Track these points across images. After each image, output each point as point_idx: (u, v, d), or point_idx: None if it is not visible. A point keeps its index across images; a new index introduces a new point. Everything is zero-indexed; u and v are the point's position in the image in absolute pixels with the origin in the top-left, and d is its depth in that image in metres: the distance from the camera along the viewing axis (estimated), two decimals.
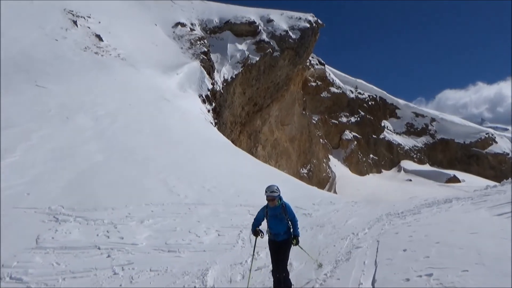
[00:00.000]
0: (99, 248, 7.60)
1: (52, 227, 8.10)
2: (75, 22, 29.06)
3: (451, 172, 71.53)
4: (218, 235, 9.08)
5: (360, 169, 70.04)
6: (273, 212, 5.97)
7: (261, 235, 6.10)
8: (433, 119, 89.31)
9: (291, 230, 6.05)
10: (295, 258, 7.53)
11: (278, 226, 5.96)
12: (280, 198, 6.04)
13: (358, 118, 78.26)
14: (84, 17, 30.54)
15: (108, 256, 7.38)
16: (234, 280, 6.77)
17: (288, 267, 7.25)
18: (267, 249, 8.32)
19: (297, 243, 6.00)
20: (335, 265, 6.81)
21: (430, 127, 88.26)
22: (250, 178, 15.15)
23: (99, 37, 28.94)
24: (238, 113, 36.65)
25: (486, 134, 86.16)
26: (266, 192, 5.93)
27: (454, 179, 67.15)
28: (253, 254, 6.62)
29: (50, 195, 9.48)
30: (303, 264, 7.16)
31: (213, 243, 8.62)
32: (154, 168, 12.96)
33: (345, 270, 6.38)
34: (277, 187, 5.99)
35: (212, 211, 10.60)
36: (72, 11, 30.35)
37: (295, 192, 14.95)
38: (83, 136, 14.10)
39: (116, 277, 6.66)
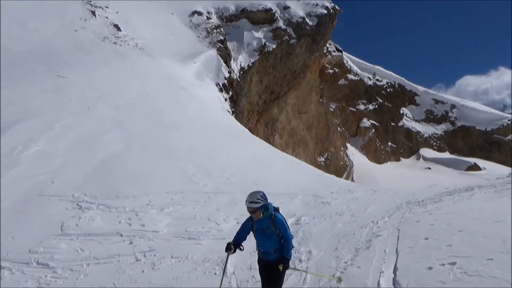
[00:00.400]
0: (121, 235, 7.78)
1: (76, 214, 8.32)
2: (93, 13, 29.30)
3: (472, 160, 70.14)
4: (237, 223, 9.13)
5: (378, 157, 69.25)
6: (259, 226, 4.66)
7: (241, 248, 4.82)
8: (453, 106, 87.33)
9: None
10: (315, 246, 7.54)
11: (266, 243, 4.66)
12: (268, 208, 4.65)
13: (376, 106, 77.12)
14: (102, 7, 30.75)
15: (130, 243, 7.54)
16: (254, 268, 6.81)
17: (308, 255, 7.28)
18: None
19: (284, 268, 4.55)
20: (355, 253, 6.78)
21: (450, 114, 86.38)
22: (268, 166, 15.16)
23: (117, 27, 29.15)
24: (255, 101, 36.53)
25: (509, 120, 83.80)
26: (246, 202, 4.61)
27: (475, 167, 65.84)
28: (223, 273, 5.11)
29: (73, 183, 9.71)
30: (322, 252, 7.16)
31: (232, 231, 8.61)
32: (173, 157, 13.11)
33: (366, 259, 6.35)
34: (262, 194, 4.63)
35: (231, 199, 10.67)
36: (91, 1, 30.60)
37: (313, 180, 14.92)
38: (103, 125, 14.33)
39: (139, 263, 6.81)
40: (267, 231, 4.61)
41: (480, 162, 69.33)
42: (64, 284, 5.97)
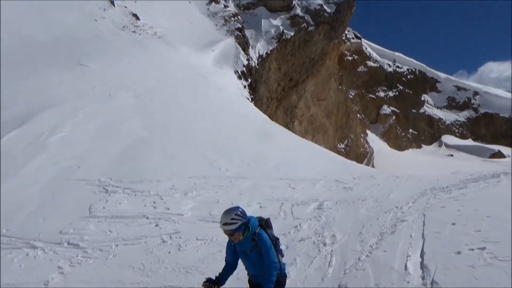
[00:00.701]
0: (147, 218, 7.94)
1: (103, 197, 8.52)
2: (112, 2, 29.48)
3: (495, 147, 68.38)
4: (260, 207, 9.19)
5: (399, 144, 68.29)
6: (242, 248, 3.84)
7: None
8: (476, 93, 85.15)
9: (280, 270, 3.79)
10: (338, 230, 7.52)
11: (254, 266, 3.87)
12: (249, 227, 3.78)
13: (397, 93, 75.82)
14: None
15: (156, 225, 7.69)
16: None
17: (332, 239, 7.25)
18: (310, 222, 8.38)
19: None
20: (380, 237, 6.73)
21: (473, 101, 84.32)
22: (288, 152, 15.15)
23: (136, 16, 29.29)
24: (274, 88, 36.33)
25: None
26: (220, 224, 3.80)
27: (499, 154, 64.21)
28: None
29: (99, 168, 9.92)
30: (346, 236, 7.14)
31: (255, 215, 8.72)
32: (194, 143, 13.21)
33: (391, 243, 6.30)
34: (239, 213, 3.75)
35: (253, 185, 10.72)
36: None
37: (335, 166, 14.84)
38: (125, 112, 14.53)
39: (165, 244, 6.94)
40: (252, 254, 3.77)
41: (504, 149, 67.55)
42: (94, 263, 6.16)
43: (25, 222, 7.09)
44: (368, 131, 64.65)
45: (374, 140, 62.42)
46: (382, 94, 73.62)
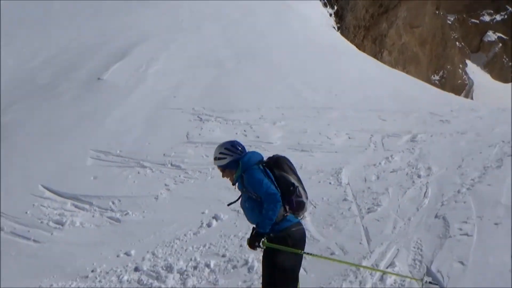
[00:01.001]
0: None
1: (198, 125, 9.13)
2: None
3: None
4: (349, 138, 9.05)
5: (504, 76, 60.51)
6: (240, 190, 3.23)
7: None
8: None
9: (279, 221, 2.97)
10: (434, 163, 7.15)
11: (248, 213, 3.15)
12: (240, 165, 3.10)
13: (505, 16, 65.54)
14: None
15: None
16: (369, 180, 6.81)
17: (427, 171, 6.92)
18: (402, 154, 8.08)
19: (253, 246, 2.90)
20: (484, 171, 6.26)
21: None
22: (377, 83, 14.35)
23: None
24: (362, 16, 33.65)
25: None
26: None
27: None
28: None
29: (192, 97, 10.50)
30: (444, 169, 6.78)
31: (344, 145, 8.66)
32: (281, 73, 13.11)
33: (497, 177, 5.86)
34: (231, 147, 3.22)
35: (341, 115, 10.50)
36: None
37: (429, 98, 13.85)
38: (213, 44, 14.79)
39: None
40: (243, 196, 3.15)
41: None
42: (195, 183, 6.83)
43: (134, 145, 7.97)
44: (468, 61, 58.01)
45: (474, 72, 56.17)
46: (487, 18, 64.40)
